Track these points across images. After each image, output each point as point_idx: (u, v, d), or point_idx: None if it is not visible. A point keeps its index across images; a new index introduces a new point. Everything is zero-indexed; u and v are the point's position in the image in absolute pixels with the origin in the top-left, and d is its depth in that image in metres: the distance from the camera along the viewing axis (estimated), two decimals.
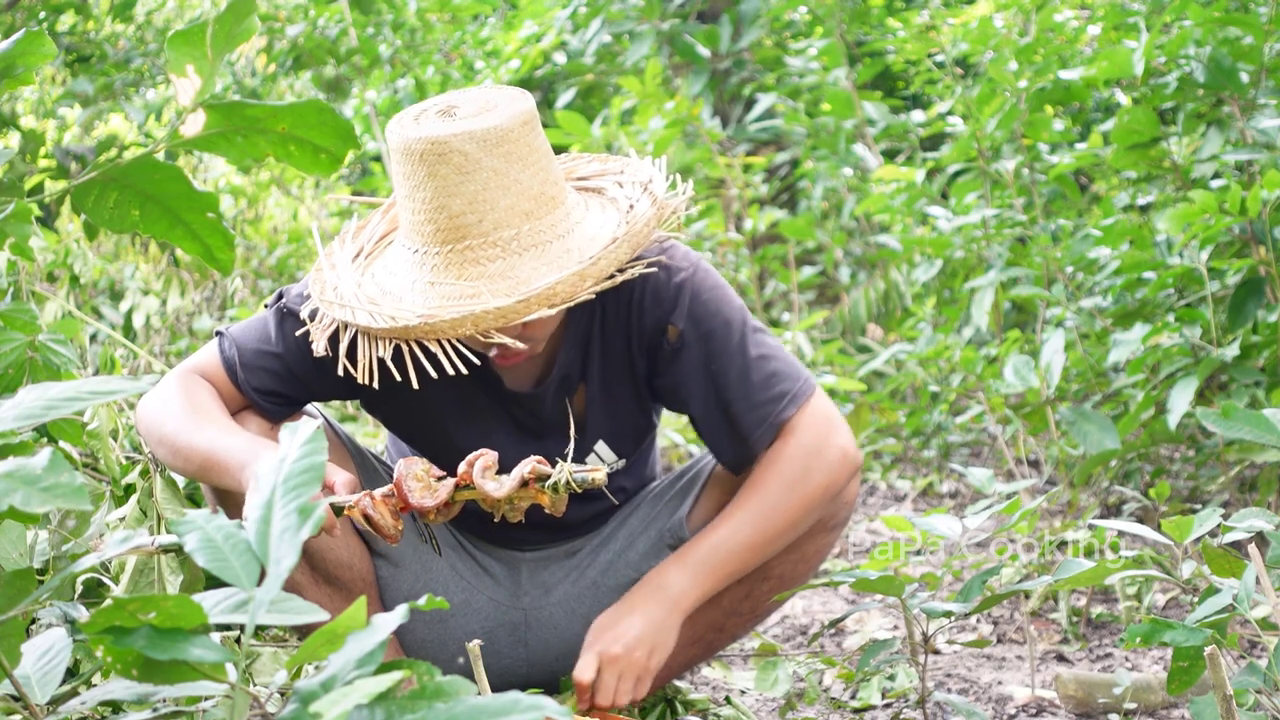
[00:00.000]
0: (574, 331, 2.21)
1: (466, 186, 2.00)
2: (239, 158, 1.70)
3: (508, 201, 2.02)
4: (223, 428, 2.06)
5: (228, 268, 1.80)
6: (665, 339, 2.19)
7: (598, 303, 2.20)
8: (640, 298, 2.19)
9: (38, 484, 1.22)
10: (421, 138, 2.00)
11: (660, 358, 2.20)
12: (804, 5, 6.71)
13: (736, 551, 2.17)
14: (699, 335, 2.17)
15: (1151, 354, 3.46)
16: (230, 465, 1.98)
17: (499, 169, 2.01)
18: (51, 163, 5.31)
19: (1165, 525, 1.99)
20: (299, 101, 1.67)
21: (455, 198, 2.00)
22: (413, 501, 1.92)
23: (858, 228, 6.19)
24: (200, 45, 1.61)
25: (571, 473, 1.94)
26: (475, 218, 2.01)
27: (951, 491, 4.43)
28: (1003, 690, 2.64)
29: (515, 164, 2.02)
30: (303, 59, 6.92)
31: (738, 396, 2.17)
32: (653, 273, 2.16)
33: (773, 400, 2.17)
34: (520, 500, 1.96)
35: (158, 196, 1.72)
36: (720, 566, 2.17)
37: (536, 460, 1.95)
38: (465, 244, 2.02)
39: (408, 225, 2.08)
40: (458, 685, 1.14)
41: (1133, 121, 3.71)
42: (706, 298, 2.18)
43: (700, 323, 2.17)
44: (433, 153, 2.00)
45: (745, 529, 2.17)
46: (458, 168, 2.00)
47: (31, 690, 1.45)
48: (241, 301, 5.89)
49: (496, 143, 2.01)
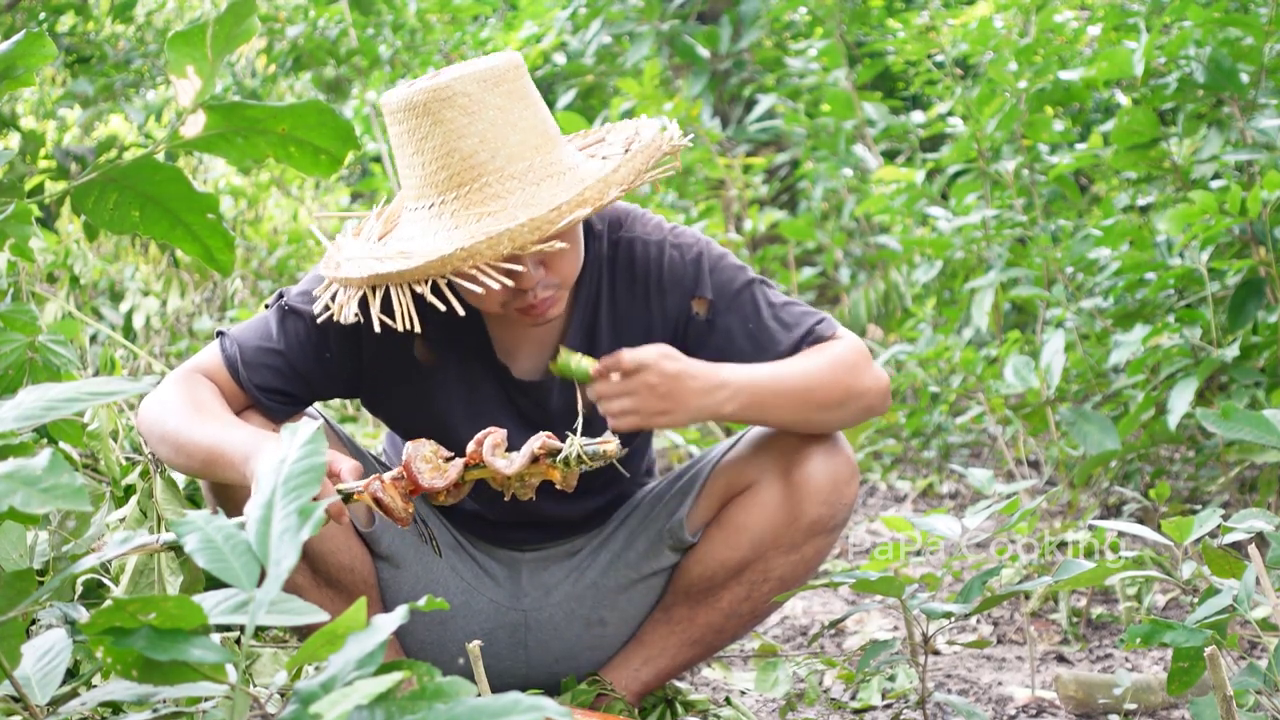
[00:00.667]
0: (580, 319, 2.22)
1: (475, 126, 2.02)
2: (239, 159, 1.70)
3: (517, 137, 2.04)
4: (225, 422, 2.06)
5: (228, 269, 1.80)
6: (694, 314, 2.22)
7: (606, 289, 2.23)
8: (659, 279, 2.22)
9: (38, 485, 1.22)
10: (422, 89, 2.02)
11: (692, 333, 2.23)
12: (804, 6, 6.71)
13: (782, 390, 2.15)
14: (729, 302, 2.22)
15: (1151, 355, 3.46)
16: (234, 458, 1.98)
17: (503, 106, 2.03)
18: (51, 163, 5.31)
19: (1165, 526, 1.99)
20: (299, 102, 1.67)
21: (465, 138, 2.02)
22: (423, 483, 1.91)
23: (858, 228, 6.19)
24: (200, 46, 1.61)
25: (583, 445, 1.93)
26: (488, 154, 2.02)
27: (951, 492, 4.43)
28: (1003, 691, 2.64)
29: (517, 102, 2.05)
30: (303, 60, 6.93)
31: (782, 339, 2.21)
32: (663, 252, 2.22)
33: (811, 327, 2.22)
34: (531, 477, 1.96)
35: (158, 197, 1.72)
36: (765, 391, 2.14)
37: (546, 436, 1.96)
38: (482, 181, 2.02)
39: (418, 183, 2.07)
40: (458, 686, 1.14)
41: (1133, 122, 3.71)
42: (724, 265, 2.24)
43: (726, 288, 2.22)
44: (436, 99, 2.01)
45: (794, 377, 2.16)
46: (463, 109, 2.01)
47: (31, 691, 1.45)
48: (241, 302, 5.89)
49: (496, 82, 2.03)
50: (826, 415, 2.20)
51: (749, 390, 2.12)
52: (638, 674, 2.37)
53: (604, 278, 2.23)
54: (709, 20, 7.26)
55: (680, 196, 6.08)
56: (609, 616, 2.37)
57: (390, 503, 1.90)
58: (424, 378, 2.24)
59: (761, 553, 2.27)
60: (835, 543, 2.34)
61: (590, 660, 2.39)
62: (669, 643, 2.36)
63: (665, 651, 2.36)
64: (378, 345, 2.20)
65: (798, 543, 2.26)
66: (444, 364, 2.24)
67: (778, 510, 2.24)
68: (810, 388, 2.16)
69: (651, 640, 2.37)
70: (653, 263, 2.22)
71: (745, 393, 2.11)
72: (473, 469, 1.94)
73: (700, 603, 2.33)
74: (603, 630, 2.37)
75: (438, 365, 2.24)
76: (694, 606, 2.33)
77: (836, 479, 2.25)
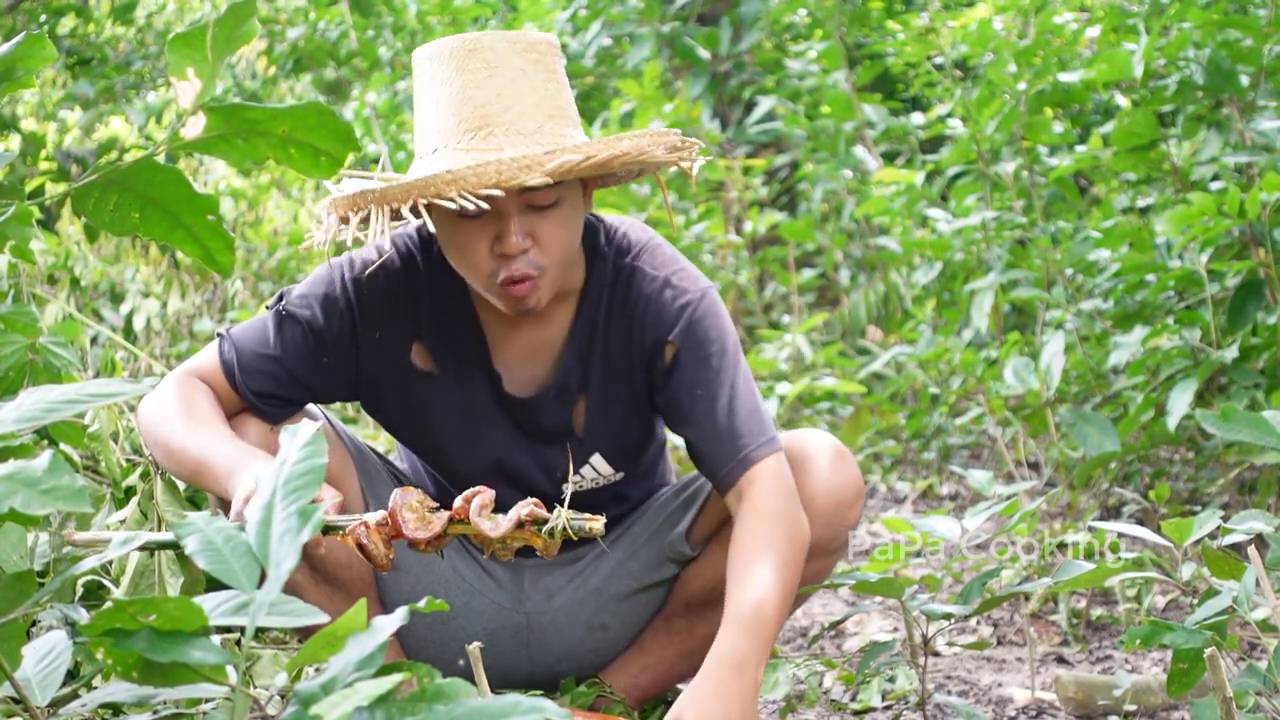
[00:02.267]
0: (576, 341, 2.21)
1: (494, 80, 2.03)
2: (239, 160, 1.70)
3: (533, 99, 2.04)
4: (214, 433, 2.06)
5: (228, 270, 1.80)
6: (661, 356, 2.19)
7: (601, 314, 2.20)
8: (643, 313, 2.19)
9: (38, 486, 1.22)
10: (454, 38, 2.05)
11: (656, 374, 2.20)
12: (804, 8, 6.71)
13: (778, 605, 2.06)
14: (693, 358, 2.16)
15: (1151, 356, 3.46)
16: (218, 473, 1.98)
17: (526, 69, 2.04)
18: (52, 165, 5.32)
19: (1165, 527, 1.99)
20: (299, 104, 1.67)
21: (482, 89, 2.02)
22: (406, 533, 1.90)
23: (857, 230, 6.19)
24: (201, 48, 1.61)
25: (569, 519, 1.93)
26: (500, 107, 2.02)
27: (951, 493, 4.43)
28: (1003, 692, 2.64)
29: (541, 72, 2.06)
30: (303, 61, 6.93)
31: (720, 423, 2.14)
32: (659, 289, 2.17)
33: (753, 448, 2.13)
34: (513, 541, 1.95)
35: (158, 199, 1.72)
36: (768, 622, 2.04)
37: (534, 503, 1.94)
38: (487, 130, 2.02)
39: (428, 130, 2.07)
40: (458, 687, 1.14)
41: (1132, 124, 3.72)
42: (707, 324, 2.17)
43: (697, 346, 2.16)
44: (463, 49, 2.03)
45: (774, 580, 2.06)
46: (486, 62, 2.03)
47: (32, 692, 1.45)
48: (242, 304, 5.89)
49: (526, 48, 2.05)
50: (810, 573, 2.19)
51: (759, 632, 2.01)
52: (636, 680, 2.37)
53: (604, 302, 2.21)
54: (709, 22, 7.26)
55: (680, 198, 6.08)
56: (611, 622, 2.37)
57: (373, 549, 1.89)
58: (421, 384, 2.23)
59: None
60: (837, 564, 2.32)
61: (593, 662, 2.39)
62: (667, 652, 2.36)
63: (664, 660, 2.36)
64: (375, 351, 2.20)
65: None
66: (442, 371, 2.23)
67: None
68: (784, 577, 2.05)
69: (651, 648, 2.37)
70: (644, 298, 2.18)
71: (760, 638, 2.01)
72: (456, 524, 1.94)
73: (700, 615, 2.32)
74: (605, 635, 2.37)
75: (435, 372, 2.23)
76: (693, 619, 2.33)
77: (839, 501, 2.23)
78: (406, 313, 2.21)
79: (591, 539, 2.37)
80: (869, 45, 6.42)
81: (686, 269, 2.22)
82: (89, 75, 5.85)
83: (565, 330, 2.21)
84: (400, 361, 2.22)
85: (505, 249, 2.04)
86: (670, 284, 2.18)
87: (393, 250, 2.22)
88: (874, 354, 5.58)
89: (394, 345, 2.20)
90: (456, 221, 2.04)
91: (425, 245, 2.23)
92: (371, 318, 2.19)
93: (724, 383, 2.15)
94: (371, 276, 2.19)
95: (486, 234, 2.04)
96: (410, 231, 2.26)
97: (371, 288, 2.20)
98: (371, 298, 2.19)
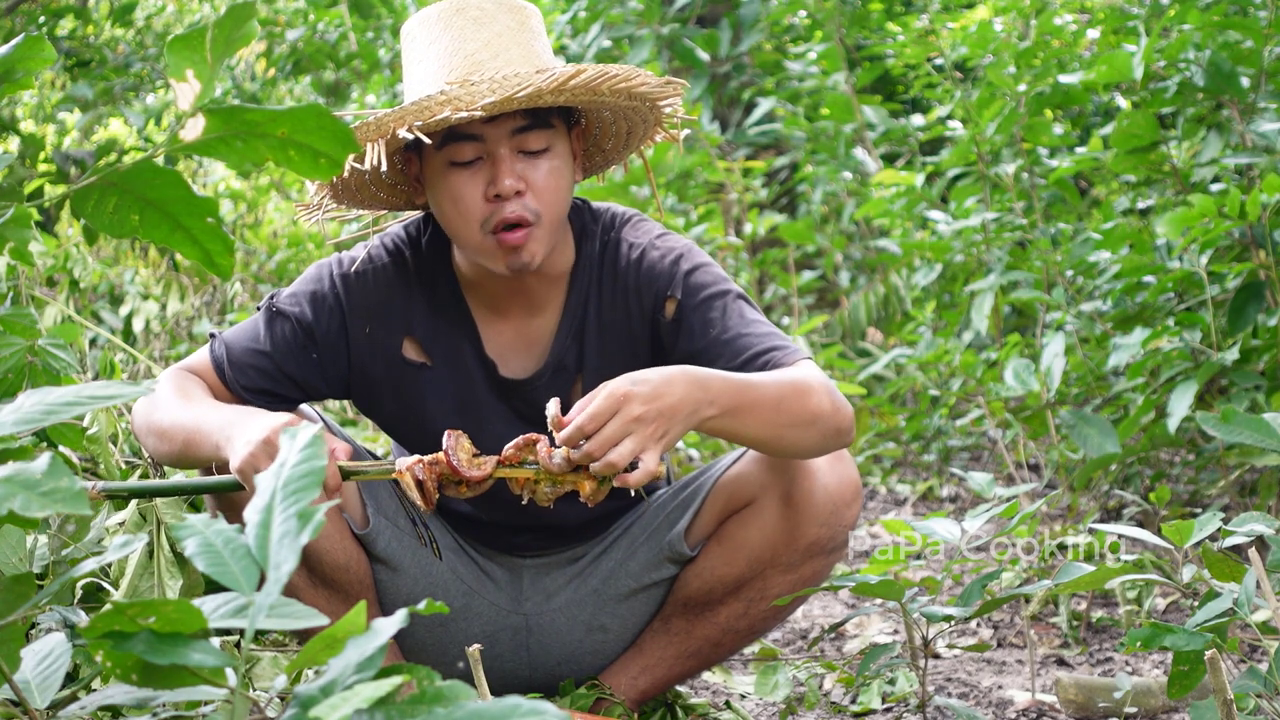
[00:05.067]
0: (569, 321, 2.23)
1: (482, 34, 2.09)
2: (238, 162, 1.70)
3: (519, 52, 2.10)
4: (209, 405, 2.10)
5: (227, 272, 1.80)
6: (663, 314, 2.21)
7: (594, 291, 2.23)
8: (635, 277, 2.23)
9: (37, 488, 1.21)
10: (441, 3, 2.11)
11: (663, 333, 2.22)
12: (803, 9, 6.71)
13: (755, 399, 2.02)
14: (696, 304, 2.19)
15: (1151, 358, 3.46)
16: (211, 431, 2.00)
17: (513, 27, 2.11)
18: (51, 167, 5.32)
19: (1165, 529, 1.99)
20: (298, 106, 1.67)
21: (470, 42, 2.09)
22: (462, 471, 1.95)
23: (857, 232, 6.19)
24: (200, 50, 1.61)
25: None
26: (489, 55, 2.08)
27: (951, 495, 4.43)
28: (1003, 694, 2.63)
29: (527, 32, 2.13)
30: (302, 63, 6.94)
31: (742, 350, 2.15)
32: (645, 252, 2.22)
33: (774, 346, 2.14)
34: (563, 484, 1.96)
35: (157, 201, 1.72)
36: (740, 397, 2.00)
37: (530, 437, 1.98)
38: (476, 76, 2.06)
39: (416, 89, 2.11)
40: (457, 690, 1.14)
41: (1132, 125, 3.72)
42: (701, 270, 2.22)
43: (696, 291, 2.19)
44: (451, 9, 2.11)
45: (770, 390, 2.03)
46: (474, 19, 2.10)
47: (31, 695, 1.45)
48: (241, 306, 5.89)
49: (511, 9, 2.12)
50: (796, 434, 2.07)
51: (726, 394, 1.98)
52: (635, 682, 2.37)
53: (593, 279, 2.25)
54: (708, 23, 7.27)
55: (680, 200, 6.09)
56: (610, 623, 2.36)
57: (430, 485, 1.94)
58: (414, 377, 2.25)
59: (759, 571, 2.25)
60: (835, 564, 2.31)
61: (593, 664, 2.39)
62: (666, 653, 2.36)
63: (663, 662, 2.36)
64: (366, 346, 2.22)
65: (796, 563, 2.24)
66: (434, 363, 2.25)
67: (776, 529, 2.22)
68: (782, 397, 2.04)
69: (650, 650, 2.36)
70: (633, 264, 2.23)
71: (724, 396, 1.98)
72: (505, 468, 1.97)
73: (698, 616, 2.32)
74: (604, 636, 2.37)
75: (428, 365, 2.25)
76: (692, 620, 2.33)
77: (838, 501, 2.22)
78: (397, 307, 2.24)
79: (591, 538, 2.38)
80: (869, 47, 6.43)
81: (667, 234, 2.27)
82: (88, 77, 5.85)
83: (558, 313, 2.24)
84: (392, 356, 2.24)
85: (499, 189, 2.08)
86: (654, 245, 2.24)
87: (381, 247, 2.27)
88: (874, 356, 5.58)
89: (385, 340, 2.22)
90: (449, 172, 2.10)
91: (413, 241, 2.28)
92: (361, 313, 2.23)
93: (733, 314, 2.18)
94: (360, 273, 2.24)
95: (479, 180, 2.10)
96: (398, 230, 2.30)
97: (360, 283, 2.24)
98: (361, 293, 2.23)
